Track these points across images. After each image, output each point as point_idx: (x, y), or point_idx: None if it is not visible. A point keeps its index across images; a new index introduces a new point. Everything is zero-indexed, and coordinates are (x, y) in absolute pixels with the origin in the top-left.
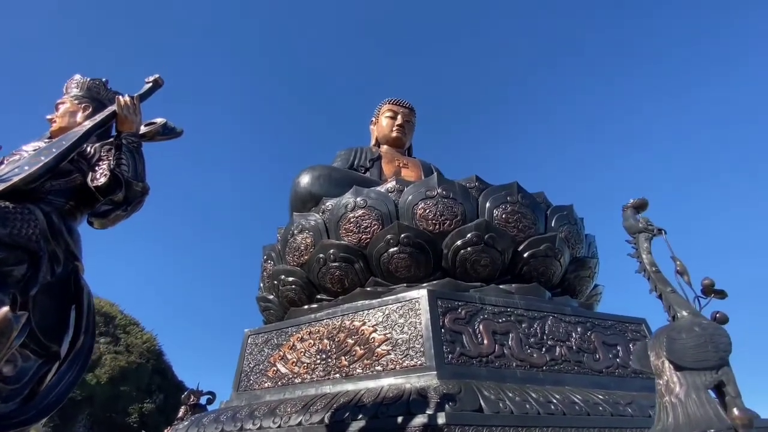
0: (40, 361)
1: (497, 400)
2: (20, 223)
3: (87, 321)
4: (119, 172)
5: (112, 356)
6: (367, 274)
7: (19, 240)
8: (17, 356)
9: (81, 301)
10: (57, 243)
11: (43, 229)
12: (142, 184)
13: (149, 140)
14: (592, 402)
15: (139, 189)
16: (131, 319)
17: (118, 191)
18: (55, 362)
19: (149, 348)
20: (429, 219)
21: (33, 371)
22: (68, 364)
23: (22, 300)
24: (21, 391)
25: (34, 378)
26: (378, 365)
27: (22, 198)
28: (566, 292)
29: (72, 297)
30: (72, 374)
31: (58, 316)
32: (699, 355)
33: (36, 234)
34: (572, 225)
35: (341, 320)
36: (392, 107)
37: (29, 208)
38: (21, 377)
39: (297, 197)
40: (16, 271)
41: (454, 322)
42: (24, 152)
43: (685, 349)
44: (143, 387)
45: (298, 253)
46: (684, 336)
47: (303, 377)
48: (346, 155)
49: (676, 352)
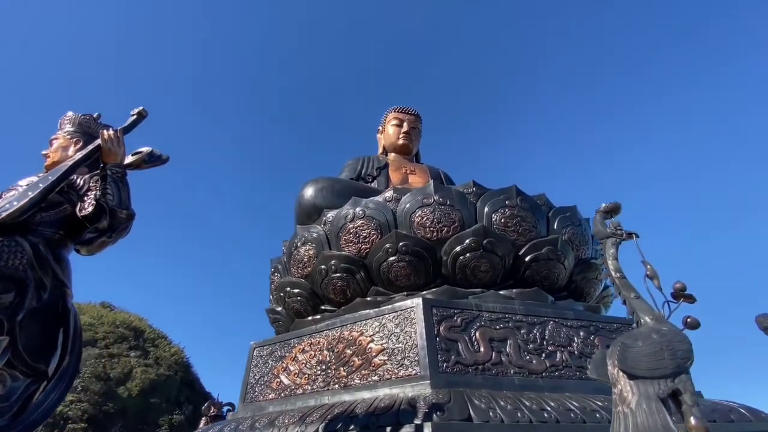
0: (29, 381)
1: (488, 408)
2: (7, 255)
3: (73, 342)
4: (104, 201)
5: (143, 369)
6: (368, 284)
7: (6, 271)
8: (6, 377)
9: (68, 324)
10: (44, 271)
11: (30, 259)
12: (126, 211)
13: (136, 168)
14: (589, 409)
15: (124, 216)
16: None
17: (103, 219)
18: (43, 381)
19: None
20: (427, 227)
21: (21, 390)
22: (54, 383)
23: (9, 325)
24: (10, 409)
25: (22, 396)
26: (375, 375)
27: (11, 231)
28: (573, 296)
29: (60, 320)
30: (58, 392)
31: (45, 339)
32: (654, 363)
33: (23, 264)
34: (576, 226)
35: (340, 331)
36: (398, 115)
37: (17, 240)
38: (10, 396)
39: (301, 210)
40: (3, 298)
41: (450, 330)
42: (19, 187)
43: (640, 358)
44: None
45: (301, 265)
46: (640, 344)
47: (304, 388)
48: (354, 164)
49: (629, 360)
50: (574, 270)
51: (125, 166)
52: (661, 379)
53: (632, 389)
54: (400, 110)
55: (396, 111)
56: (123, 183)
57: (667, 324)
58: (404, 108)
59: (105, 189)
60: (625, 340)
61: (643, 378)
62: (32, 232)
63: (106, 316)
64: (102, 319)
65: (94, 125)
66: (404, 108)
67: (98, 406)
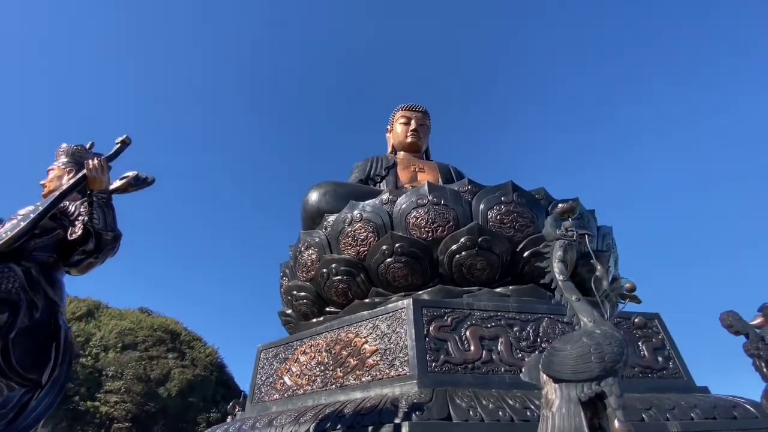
0: (23, 390)
1: (468, 408)
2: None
3: (63, 354)
4: (90, 225)
5: (180, 370)
6: (368, 285)
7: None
8: (3, 387)
9: (59, 338)
10: (35, 293)
11: (22, 283)
12: (112, 233)
13: (123, 192)
14: None
15: (110, 237)
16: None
17: (90, 242)
18: (37, 389)
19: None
20: (422, 227)
21: (17, 399)
22: (46, 391)
23: (2, 342)
24: (6, 415)
25: (18, 404)
26: (368, 375)
27: (6, 258)
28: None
29: (52, 335)
30: (49, 398)
31: (39, 352)
32: (579, 366)
33: (15, 287)
34: (577, 219)
35: (338, 333)
36: (405, 113)
37: (9, 266)
38: (7, 404)
39: (307, 214)
40: None
41: (439, 330)
42: (18, 216)
43: (566, 361)
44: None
45: (306, 269)
46: (569, 347)
47: (305, 389)
48: (363, 166)
49: (554, 364)
50: (577, 263)
51: (111, 191)
52: (585, 383)
53: (556, 392)
54: (408, 108)
55: (403, 109)
56: (108, 207)
57: (606, 326)
58: (411, 106)
59: (92, 214)
60: (556, 343)
61: (568, 381)
62: (27, 257)
63: (144, 320)
64: (141, 324)
65: (86, 155)
66: (411, 106)
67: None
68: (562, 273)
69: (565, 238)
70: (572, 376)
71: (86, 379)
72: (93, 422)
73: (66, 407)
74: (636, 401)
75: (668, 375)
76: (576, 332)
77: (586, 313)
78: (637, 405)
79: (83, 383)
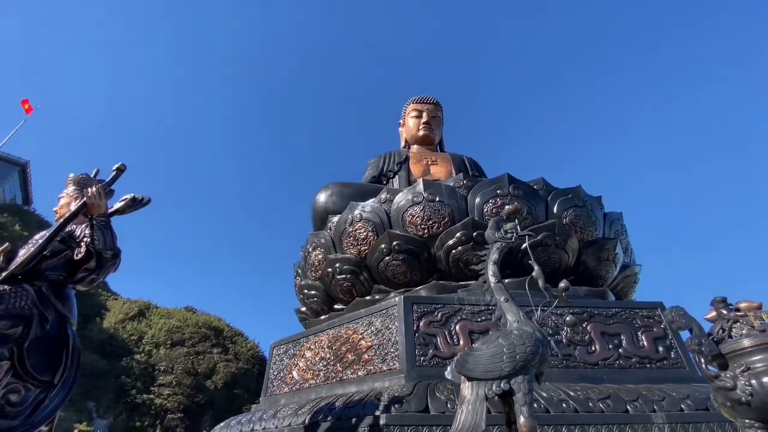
0: (38, 390)
1: (447, 401)
2: (14, 299)
3: (72, 358)
4: (92, 246)
5: (224, 364)
6: (371, 283)
7: (14, 311)
8: (21, 388)
9: (68, 345)
10: (46, 308)
11: (34, 300)
12: (112, 251)
13: (121, 213)
14: (557, 398)
15: (109, 255)
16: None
17: (91, 261)
18: (50, 389)
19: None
20: (418, 224)
21: (33, 397)
22: (58, 390)
23: (18, 351)
24: (24, 412)
25: (34, 402)
26: (363, 370)
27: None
28: (582, 280)
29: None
30: (60, 396)
31: (51, 357)
32: (490, 366)
33: (28, 304)
34: (579, 207)
35: (338, 330)
36: (417, 106)
37: (22, 286)
38: (24, 402)
39: (316, 216)
40: (12, 331)
41: (429, 326)
42: (33, 242)
43: (479, 361)
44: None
45: (314, 269)
46: (484, 348)
47: (310, 382)
48: (376, 163)
49: (468, 364)
50: (582, 252)
51: (109, 214)
52: (495, 381)
53: (470, 390)
54: (419, 101)
55: (415, 102)
56: (107, 228)
57: (529, 326)
58: (423, 98)
59: (93, 236)
60: (475, 344)
61: (478, 380)
62: (39, 277)
63: (190, 318)
64: (187, 322)
65: (90, 182)
66: (423, 98)
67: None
68: (495, 275)
69: (504, 240)
70: (482, 374)
71: (141, 374)
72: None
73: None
74: (623, 392)
75: (668, 365)
76: (495, 333)
77: (512, 314)
78: (624, 396)
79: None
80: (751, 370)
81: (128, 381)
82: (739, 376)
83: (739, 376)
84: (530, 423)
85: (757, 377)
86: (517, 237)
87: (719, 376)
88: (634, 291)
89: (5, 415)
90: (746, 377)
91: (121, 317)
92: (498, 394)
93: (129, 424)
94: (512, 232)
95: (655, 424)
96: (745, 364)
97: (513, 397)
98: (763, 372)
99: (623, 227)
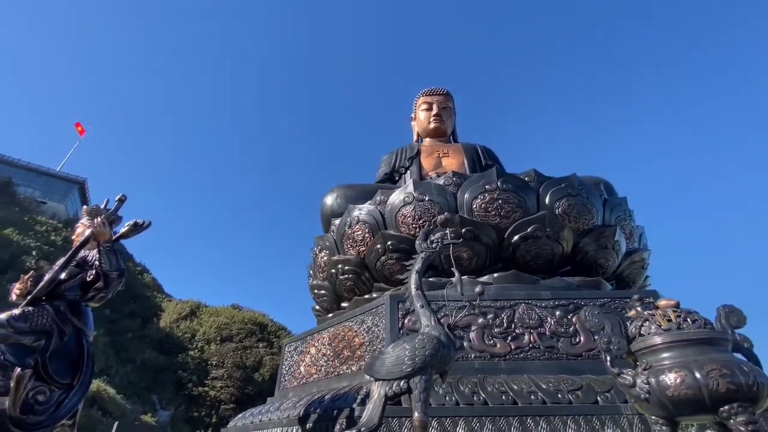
0: (60, 391)
1: None
2: (37, 317)
3: (87, 364)
4: (100, 269)
5: (270, 357)
6: (372, 282)
7: (36, 328)
8: (46, 390)
9: (84, 353)
10: (64, 323)
11: (52, 317)
12: (117, 272)
13: (126, 237)
14: (527, 390)
15: (115, 276)
16: (280, 325)
17: (100, 281)
18: (70, 390)
19: None
20: (409, 224)
21: (56, 398)
22: (76, 390)
23: (41, 360)
24: (49, 409)
25: (57, 401)
26: (356, 365)
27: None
28: (580, 269)
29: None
30: (77, 395)
31: (70, 364)
32: (393, 368)
33: (48, 321)
34: (573, 196)
35: (337, 328)
36: (427, 98)
37: (43, 305)
38: (49, 401)
39: (323, 218)
40: (36, 344)
41: (414, 323)
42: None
43: (384, 363)
44: None
45: (321, 270)
46: (391, 351)
47: (314, 377)
48: (388, 159)
49: (375, 366)
50: (580, 241)
51: (114, 240)
52: (395, 381)
53: (376, 390)
54: (429, 93)
55: (425, 95)
56: (112, 252)
57: (436, 330)
58: (432, 89)
59: (100, 260)
60: (385, 348)
61: (382, 380)
62: (58, 297)
63: (236, 315)
64: (234, 318)
65: (99, 212)
66: (432, 89)
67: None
68: (416, 283)
69: (429, 250)
70: (385, 375)
71: (195, 369)
72: (205, 404)
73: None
74: (597, 384)
75: None
76: (406, 337)
77: (425, 318)
78: (596, 388)
79: (194, 372)
80: (652, 368)
81: (185, 375)
82: (639, 373)
83: (639, 374)
84: (423, 418)
85: (655, 375)
86: (441, 247)
87: (621, 374)
88: (642, 277)
89: (35, 412)
90: (645, 375)
91: (175, 317)
92: (397, 393)
93: (188, 415)
94: (437, 242)
95: (623, 415)
96: (648, 362)
97: (411, 395)
98: (662, 370)
99: (628, 212)
